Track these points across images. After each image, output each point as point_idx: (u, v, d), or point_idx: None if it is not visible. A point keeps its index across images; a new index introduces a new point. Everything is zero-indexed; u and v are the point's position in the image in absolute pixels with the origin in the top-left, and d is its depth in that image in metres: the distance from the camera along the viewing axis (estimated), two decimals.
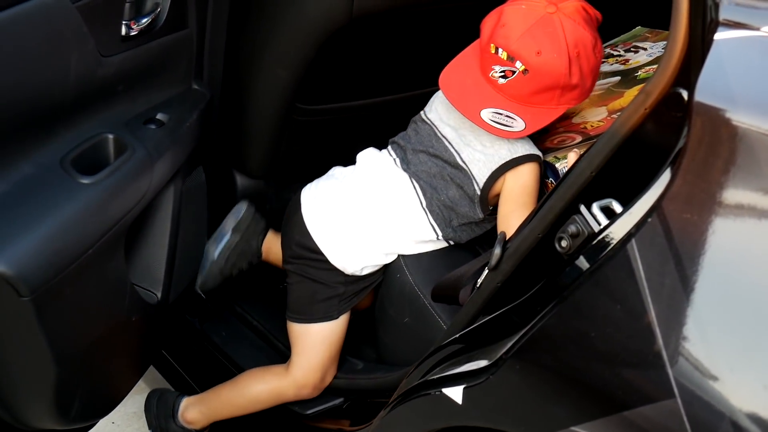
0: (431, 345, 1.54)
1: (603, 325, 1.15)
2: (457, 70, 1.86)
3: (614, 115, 1.81)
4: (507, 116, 1.76)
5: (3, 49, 1.38)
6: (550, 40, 1.70)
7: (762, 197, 1.02)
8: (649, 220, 1.10)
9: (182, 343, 2.19)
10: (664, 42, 2.04)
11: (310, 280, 1.93)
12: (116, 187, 1.57)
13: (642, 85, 1.81)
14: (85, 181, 1.51)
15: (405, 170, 1.89)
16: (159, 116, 1.74)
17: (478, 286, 1.49)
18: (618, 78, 1.98)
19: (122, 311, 1.69)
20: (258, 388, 1.98)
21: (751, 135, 1.03)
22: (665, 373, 1.05)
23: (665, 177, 1.10)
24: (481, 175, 1.81)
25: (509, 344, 1.26)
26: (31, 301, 1.39)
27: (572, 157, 1.73)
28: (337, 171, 1.99)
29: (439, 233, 1.88)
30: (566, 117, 1.90)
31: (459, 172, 1.83)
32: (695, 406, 1.03)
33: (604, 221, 1.23)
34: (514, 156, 1.79)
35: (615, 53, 2.13)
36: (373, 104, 2.21)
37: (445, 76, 1.85)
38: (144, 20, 1.67)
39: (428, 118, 1.93)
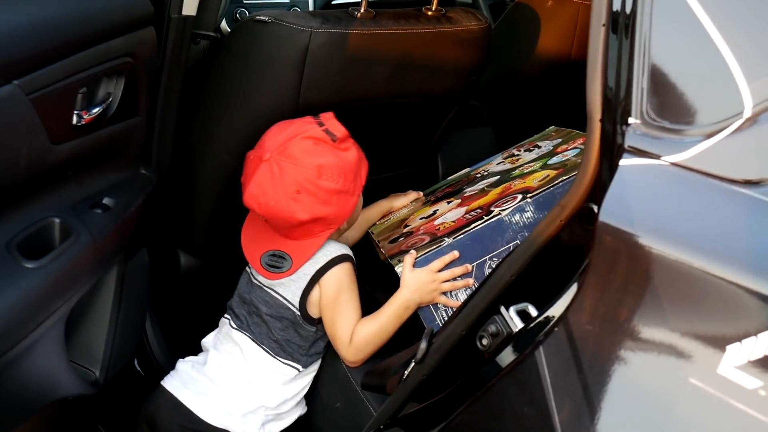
0: (360, 430, 1.56)
1: (511, 425, 1.19)
2: (251, 221, 1.92)
3: (465, 216, 1.80)
4: (279, 257, 1.82)
5: None
6: (267, 187, 1.73)
7: (655, 315, 1.06)
8: (556, 329, 1.14)
9: (120, 422, 2.15)
10: (558, 140, 2.06)
11: None
12: (60, 271, 1.56)
13: (508, 182, 1.87)
14: (30, 265, 1.50)
15: (238, 328, 1.88)
16: (105, 200, 1.75)
17: (405, 377, 1.51)
18: (496, 178, 1.97)
19: (60, 391, 1.67)
20: None
21: (648, 256, 1.08)
22: None
23: (572, 289, 1.14)
24: (294, 296, 1.82)
25: None
26: None
27: (407, 259, 1.74)
28: (186, 361, 1.93)
29: (299, 366, 1.86)
30: (429, 217, 1.91)
31: (277, 305, 1.84)
32: None
33: (520, 324, 1.29)
34: (320, 265, 1.81)
35: (515, 153, 2.12)
36: None
37: (247, 219, 1.93)
38: (95, 110, 1.67)
39: (250, 268, 1.93)
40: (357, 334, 1.79)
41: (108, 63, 1.68)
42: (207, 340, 1.96)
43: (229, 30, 2.10)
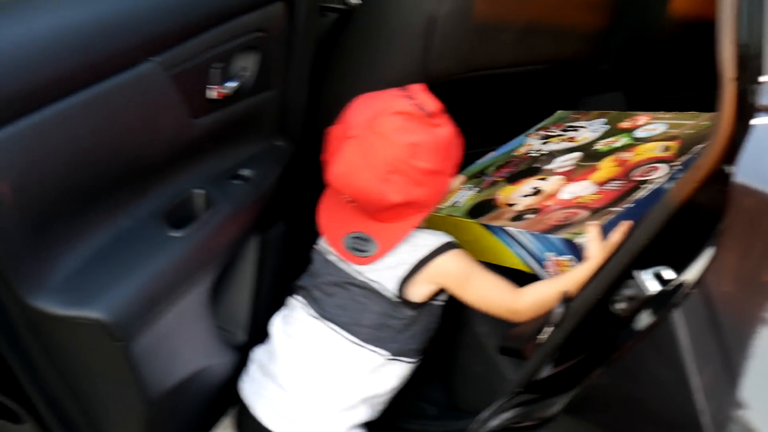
0: (498, 394, 1.57)
1: (649, 387, 1.19)
2: (333, 191, 1.80)
3: (607, 186, 1.75)
4: (363, 240, 1.71)
5: (104, 114, 1.45)
6: (356, 167, 1.64)
7: None
8: (693, 292, 1.14)
9: None
10: (602, 119, 2.05)
11: None
12: (204, 239, 1.64)
13: (613, 156, 1.84)
14: (176, 234, 1.58)
15: (318, 316, 1.77)
16: (244, 172, 1.80)
17: (541, 342, 1.52)
18: (578, 154, 1.93)
19: (208, 353, 1.76)
20: None
21: None
22: None
23: (709, 252, 1.14)
24: (392, 282, 1.71)
25: (564, 400, 1.30)
26: (124, 345, 1.45)
27: (594, 230, 1.61)
28: (257, 355, 1.85)
29: (386, 353, 1.74)
30: (552, 195, 1.82)
31: (372, 289, 1.73)
32: None
33: (655, 287, 1.28)
34: (421, 257, 1.70)
35: (553, 134, 2.09)
36: None
37: (324, 197, 1.83)
38: (231, 84, 1.73)
39: (322, 247, 1.84)
40: (527, 295, 1.66)
41: (241, 38, 1.74)
42: (276, 329, 1.84)
43: (356, 1, 2.13)
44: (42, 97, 1.34)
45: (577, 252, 1.61)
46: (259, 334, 1.87)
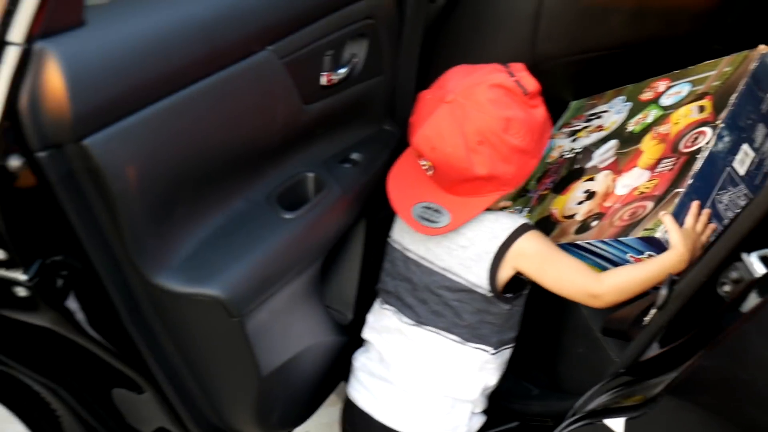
0: (601, 376, 1.56)
1: (755, 369, 1.18)
2: (406, 159, 1.79)
3: (660, 168, 1.71)
4: (435, 210, 1.67)
5: (223, 102, 1.50)
6: (447, 131, 1.61)
7: None
8: None
9: None
10: (620, 97, 2.00)
11: None
12: (315, 221, 1.67)
13: (651, 133, 1.79)
14: (288, 216, 1.61)
15: (415, 323, 1.75)
16: (353, 156, 1.83)
17: (645, 324, 1.52)
18: (615, 142, 1.88)
19: (317, 330, 1.80)
20: None
21: None
22: None
23: None
24: (479, 278, 1.68)
25: (667, 381, 1.29)
26: (239, 321, 1.51)
27: (668, 220, 1.57)
28: (362, 362, 1.84)
29: (490, 348, 1.74)
30: (609, 194, 1.77)
31: (461, 288, 1.70)
32: None
33: (763, 270, 1.27)
34: (501, 241, 1.66)
35: (578, 127, 2.03)
36: None
37: (395, 166, 1.79)
38: (341, 71, 1.76)
39: (393, 240, 1.83)
40: (610, 279, 1.63)
41: (351, 26, 1.76)
42: (373, 336, 1.84)
43: None
44: (167, 87, 1.40)
45: (657, 247, 1.59)
46: (365, 315, 1.90)
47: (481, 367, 1.75)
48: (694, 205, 1.60)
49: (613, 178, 1.78)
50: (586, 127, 2.01)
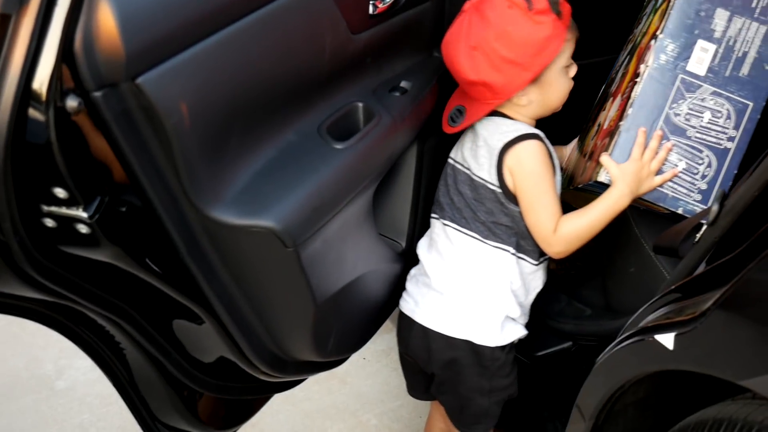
0: (653, 294, 1.57)
1: None
2: None
3: (626, 95, 1.73)
4: (459, 111, 1.83)
5: (271, 35, 1.50)
6: (453, 37, 1.76)
7: None
8: None
9: None
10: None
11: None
12: (365, 150, 1.69)
13: (640, 46, 1.77)
14: (339, 146, 1.63)
15: (449, 220, 1.87)
16: (402, 84, 1.83)
17: (696, 240, 1.54)
18: (628, 56, 1.88)
19: (371, 259, 1.83)
20: None
21: None
22: None
23: None
24: (490, 174, 1.78)
25: (717, 296, 1.32)
26: (294, 251, 1.53)
27: (604, 159, 1.66)
28: (412, 274, 1.96)
29: (510, 248, 1.82)
30: (599, 132, 1.82)
31: (477, 186, 1.81)
32: None
33: None
34: (505, 141, 1.76)
35: (635, 33, 1.97)
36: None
37: None
38: None
39: (450, 158, 1.93)
40: (564, 225, 1.74)
41: None
42: (421, 246, 1.96)
43: None
44: (216, 22, 1.41)
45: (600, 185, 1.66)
46: (416, 243, 1.93)
47: (507, 269, 1.83)
48: (640, 132, 1.66)
49: (610, 104, 1.82)
50: (636, 33, 1.98)
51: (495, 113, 1.82)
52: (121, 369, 1.69)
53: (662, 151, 1.68)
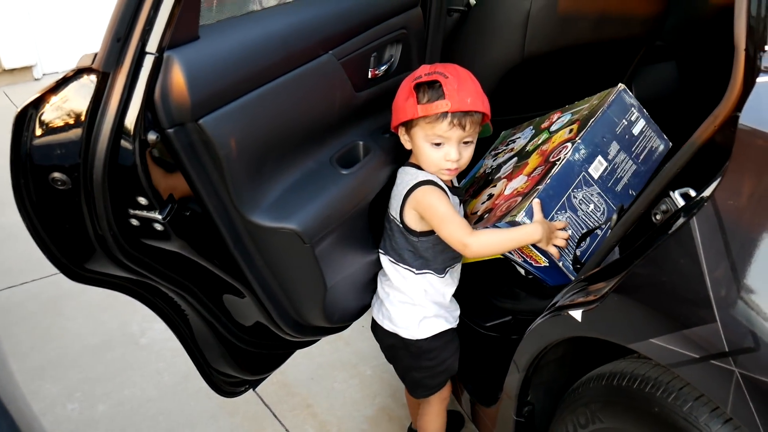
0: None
1: (672, 273, 1.19)
2: None
3: (533, 174, 1.73)
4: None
5: (297, 91, 1.52)
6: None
7: None
8: (706, 204, 1.14)
9: None
10: (530, 127, 2.02)
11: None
12: (364, 176, 1.69)
13: (537, 150, 1.83)
14: (344, 172, 1.63)
15: (382, 249, 1.81)
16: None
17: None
18: (515, 159, 1.91)
19: (368, 254, 1.81)
20: None
21: None
22: (711, 306, 1.10)
23: (720, 175, 1.15)
24: (397, 212, 1.72)
25: (612, 283, 1.33)
26: (310, 246, 1.54)
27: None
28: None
29: (413, 269, 1.76)
30: (500, 194, 1.80)
31: (390, 221, 1.76)
32: (730, 327, 1.08)
33: (682, 202, 1.30)
34: (408, 187, 1.68)
35: (500, 151, 2.05)
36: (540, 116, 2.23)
37: None
38: (383, 67, 1.78)
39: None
40: (482, 234, 1.63)
41: (390, 34, 1.78)
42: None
43: (473, 2, 2.14)
44: (256, 82, 1.43)
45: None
46: None
47: (415, 282, 1.77)
48: (537, 203, 1.61)
49: (506, 183, 1.82)
50: (503, 150, 2.04)
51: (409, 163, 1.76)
52: (185, 329, 1.69)
53: (563, 238, 1.63)
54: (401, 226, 1.72)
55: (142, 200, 1.31)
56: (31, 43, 5.55)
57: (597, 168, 1.75)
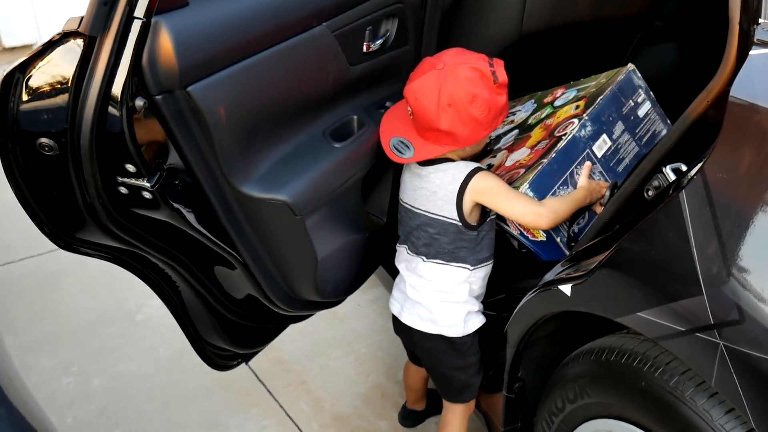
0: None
1: (660, 246, 1.19)
2: (400, 105, 1.74)
3: (537, 147, 1.73)
4: (405, 145, 1.64)
5: (289, 62, 1.51)
6: (428, 90, 1.56)
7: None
8: (695, 177, 1.13)
9: None
10: (531, 100, 2.01)
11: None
12: (357, 149, 1.67)
13: (540, 125, 1.82)
14: (337, 145, 1.62)
15: (414, 253, 1.74)
16: (387, 103, 1.81)
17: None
18: (516, 131, 1.90)
19: (360, 228, 1.80)
20: None
21: (765, 121, 1.06)
22: (697, 279, 1.10)
23: (711, 148, 1.14)
24: (450, 213, 1.64)
25: (601, 258, 1.33)
26: (301, 218, 1.53)
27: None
28: (398, 285, 1.83)
29: (468, 266, 1.70)
30: (500, 165, 1.80)
31: (438, 223, 1.66)
32: (716, 300, 1.08)
33: (673, 177, 1.30)
34: (460, 182, 1.62)
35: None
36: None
37: (392, 108, 1.75)
38: (378, 41, 1.76)
39: (400, 199, 1.77)
40: (547, 204, 1.62)
41: (386, 8, 1.76)
42: (400, 264, 1.82)
43: None
44: (247, 51, 1.42)
45: None
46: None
47: (465, 280, 1.72)
48: (587, 166, 1.68)
49: (507, 155, 1.82)
50: (504, 122, 2.01)
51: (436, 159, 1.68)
52: (177, 301, 1.69)
53: (597, 191, 1.67)
54: (461, 224, 1.65)
55: (131, 168, 1.31)
56: (32, 22, 5.53)
57: (601, 146, 1.74)
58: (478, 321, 1.78)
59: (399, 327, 1.85)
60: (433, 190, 1.66)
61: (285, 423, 2.25)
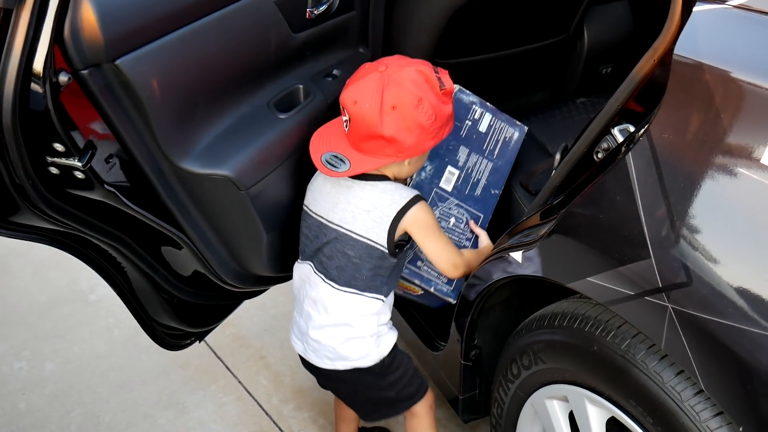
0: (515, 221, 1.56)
1: (608, 210, 1.17)
2: (332, 123, 1.61)
3: None
4: (339, 159, 1.50)
5: (227, 31, 1.45)
6: (370, 92, 1.44)
7: (716, 123, 1.03)
8: (641, 138, 1.12)
9: None
10: None
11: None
12: (303, 120, 1.62)
13: None
14: (282, 116, 1.58)
15: (322, 274, 1.59)
16: (334, 72, 1.76)
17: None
18: None
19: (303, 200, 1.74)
20: None
21: (711, 78, 1.04)
22: (645, 242, 1.09)
23: (656, 109, 1.12)
24: (379, 237, 1.53)
25: (550, 224, 1.31)
26: (246, 193, 1.49)
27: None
28: (296, 319, 1.70)
29: (382, 297, 1.59)
30: None
31: (362, 251, 1.54)
32: (663, 263, 1.07)
33: (621, 138, 1.28)
34: (399, 207, 1.52)
35: None
36: (490, 59, 2.17)
37: (322, 126, 1.61)
38: (322, 7, 1.68)
39: (309, 209, 1.62)
40: (468, 255, 1.61)
41: None
42: (299, 284, 1.67)
43: None
44: (180, 20, 1.36)
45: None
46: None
47: (375, 312, 1.60)
48: (471, 224, 1.73)
49: None
50: None
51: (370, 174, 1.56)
52: (123, 282, 1.65)
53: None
54: (387, 251, 1.54)
55: (59, 147, 1.25)
56: None
57: (449, 179, 1.73)
58: (391, 339, 1.65)
59: (308, 365, 1.73)
60: (365, 209, 1.54)
61: (245, 399, 2.22)
